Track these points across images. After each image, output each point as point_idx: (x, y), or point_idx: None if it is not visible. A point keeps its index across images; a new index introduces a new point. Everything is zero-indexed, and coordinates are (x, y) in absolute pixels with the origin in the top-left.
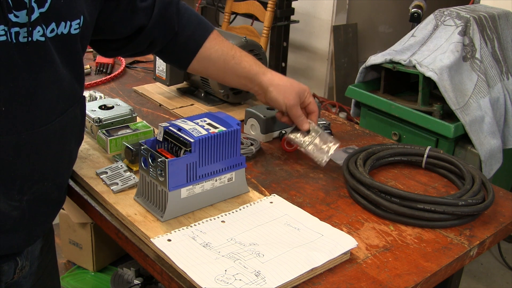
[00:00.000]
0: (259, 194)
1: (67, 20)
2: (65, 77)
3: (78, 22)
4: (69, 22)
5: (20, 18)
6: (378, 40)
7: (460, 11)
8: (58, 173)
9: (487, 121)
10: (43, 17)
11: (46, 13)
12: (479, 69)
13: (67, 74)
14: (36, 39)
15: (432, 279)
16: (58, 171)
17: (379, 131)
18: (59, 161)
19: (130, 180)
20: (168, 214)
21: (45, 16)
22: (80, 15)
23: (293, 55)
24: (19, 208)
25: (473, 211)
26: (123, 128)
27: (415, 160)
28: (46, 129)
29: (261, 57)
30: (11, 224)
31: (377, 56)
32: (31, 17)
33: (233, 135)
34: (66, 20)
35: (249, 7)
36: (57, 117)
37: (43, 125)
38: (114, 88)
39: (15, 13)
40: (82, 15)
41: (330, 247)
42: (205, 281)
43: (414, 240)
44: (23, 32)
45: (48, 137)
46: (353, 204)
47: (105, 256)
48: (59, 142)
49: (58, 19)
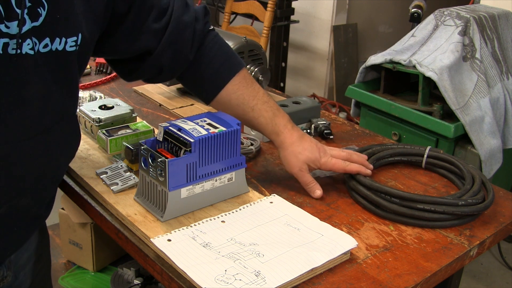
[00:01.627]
0: (259, 194)
1: (63, 37)
2: (53, 93)
3: (75, 39)
4: (64, 39)
5: (11, 29)
6: (378, 40)
7: (460, 11)
8: (38, 190)
9: (487, 121)
10: (36, 31)
11: (40, 27)
12: (479, 69)
13: (56, 91)
14: (26, 52)
15: (432, 279)
16: (38, 188)
17: (379, 131)
18: (41, 177)
19: (130, 180)
20: (168, 214)
21: (38, 30)
22: (78, 32)
23: (293, 55)
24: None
25: (473, 211)
26: (123, 128)
27: (415, 160)
28: (27, 145)
29: (261, 57)
30: None
31: (377, 56)
32: (22, 28)
33: (233, 135)
34: (61, 36)
35: (249, 7)
36: (39, 133)
37: (23, 140)
38: (114, 88)
39: (6, 24)
40: (81, 33)
41: (330, 247)
42: (205, 281)
43: (414, 240)
44: (13, 43)
45: (29, 152)
46: (353, 204)
47: (105, 256)
48: (42, 158)
49: (53, 34)
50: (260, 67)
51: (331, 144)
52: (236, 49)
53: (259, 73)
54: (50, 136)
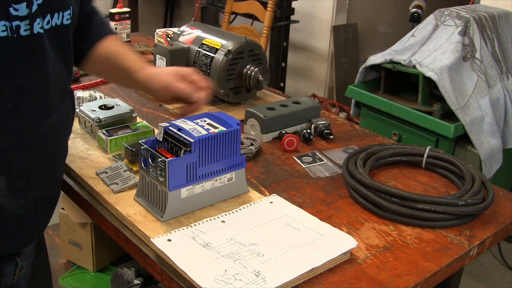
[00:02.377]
0: (259, 194)
1: (60, 11)
2: (60, 71)
3: (69, 12)
4: (61, 13)
5: (20, 11)
6: (378, 40)
7: (460, 11)
8: (56, 168)
9: (487, 121)
10: (41, 9)
11: (42, 5)
12: (479, 69)
13: (61, 68)
14: (37, 32)
15: (432, 279)
16: (56, 166)
17: (379, 131)
18: (57, 155)
19: (130, 180)
20: (168, 214)
21: (41, 8)
22: (70, 5)
23: (293, 55)
24: (25, 207)
25: (473, 211)
26: (123, 128)
27: (415, 160)
28: (47, 124)
29: (261, 57)
30: (16, 223)
31: (377, 56)
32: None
33: (233, 135)
34: (59, 11)
35: (249, 7)
36: (54, 112)
37: (44, 120)
38: (114, 88)
39: (14, 7)
40: (71, 6)
41: (330, 247)
42: (205, 281)
43: (414, 240)
44: (24, 25)
45: (48, 132)
46: (353, 204)
47: (105, 256)
48: (56, 137)
49: (52, 10)
50: (260, 67)
51: (331, 144)
52: (236, 49)
53: (259, 73)
54: (61, 114)
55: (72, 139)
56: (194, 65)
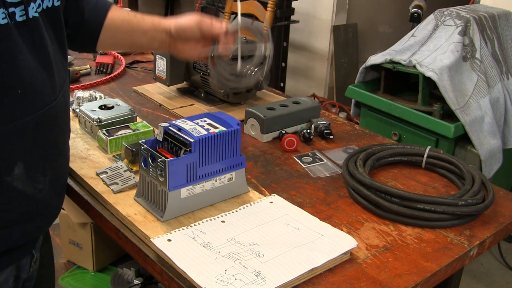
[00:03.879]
0: (259, 194)
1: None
2: (57, 51)
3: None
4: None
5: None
6: (378, 40)
7: (460, 11)
8: (66, 148)
9: (487, 121)
10: None
11: None
12: (479, 69)
13: (57, 49)
14: (32, 16)
15: (432, 279)
16: (65, 146)
17: (379, 131)
18: (66, 134)
19: (130, 180)
20: (168, 214)
21: None
22: None
23: (293, 55)
24: (43, 191)
25: (473, 211)
26: (123, 128)
27: (415, 160)
28: (56, 105)
29: None
30: (35, 208)
31: (377, 56)
32: None
33: (233, 135)
34: None
35: (249, 7)
36: (60, 91)
37: (53, 101)
38: (114, 88)
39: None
40: None
41: (330, 247)
42: (205, 281)
43: (414, 240)
44: (19, 11)
45: (57, 112)
46: (353, 204)
47: (105, 256)
48: (64, 116)
49: None
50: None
51: (331, 144)
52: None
53: None
54: (65, 94)
55: (72, 139)
56: (194, 65)
